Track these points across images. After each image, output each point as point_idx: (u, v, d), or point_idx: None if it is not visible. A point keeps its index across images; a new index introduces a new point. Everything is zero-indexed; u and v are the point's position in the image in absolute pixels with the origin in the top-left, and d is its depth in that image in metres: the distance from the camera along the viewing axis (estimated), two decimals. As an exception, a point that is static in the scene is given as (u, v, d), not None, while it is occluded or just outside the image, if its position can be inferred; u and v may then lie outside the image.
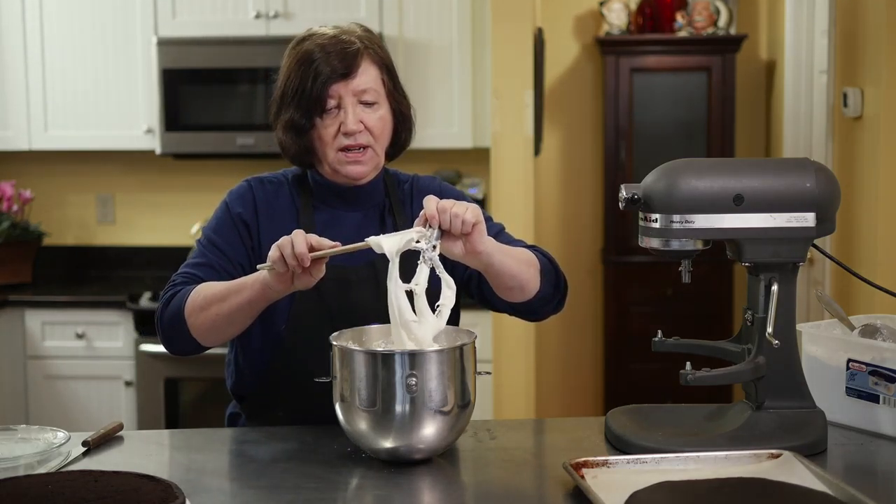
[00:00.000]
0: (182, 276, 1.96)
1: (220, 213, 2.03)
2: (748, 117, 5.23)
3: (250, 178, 2.07)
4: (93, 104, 4.26)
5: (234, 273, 1.96)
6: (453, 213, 1.72)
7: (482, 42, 4.12)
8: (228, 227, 2.00)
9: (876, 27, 3.39)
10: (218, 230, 2.00)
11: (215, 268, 1.96)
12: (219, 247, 1.98)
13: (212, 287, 1.89)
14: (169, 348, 1.97)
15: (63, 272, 4.63)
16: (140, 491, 1.46)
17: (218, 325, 1.87)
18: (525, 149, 4.09)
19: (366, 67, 1.95)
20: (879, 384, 1.87)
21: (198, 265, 1.97)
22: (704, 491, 1.53)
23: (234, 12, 4.17)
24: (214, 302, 1.86)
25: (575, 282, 5.28)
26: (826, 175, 1.78)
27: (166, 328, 1.93)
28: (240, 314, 1.85)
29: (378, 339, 1.82)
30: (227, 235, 1.99)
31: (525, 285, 1.89)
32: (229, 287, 1.86)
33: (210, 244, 1.99)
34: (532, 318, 2.01)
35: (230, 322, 1.87)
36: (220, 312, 1.85)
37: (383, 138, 1.99)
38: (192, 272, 1.96)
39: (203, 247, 2.00)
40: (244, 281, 1.84)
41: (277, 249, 1.73)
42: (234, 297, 1.84)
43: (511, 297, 1.92)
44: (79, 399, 4.07)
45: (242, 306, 1.84)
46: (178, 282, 1.95)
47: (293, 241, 1.72)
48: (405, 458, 1.71)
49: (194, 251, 2.01)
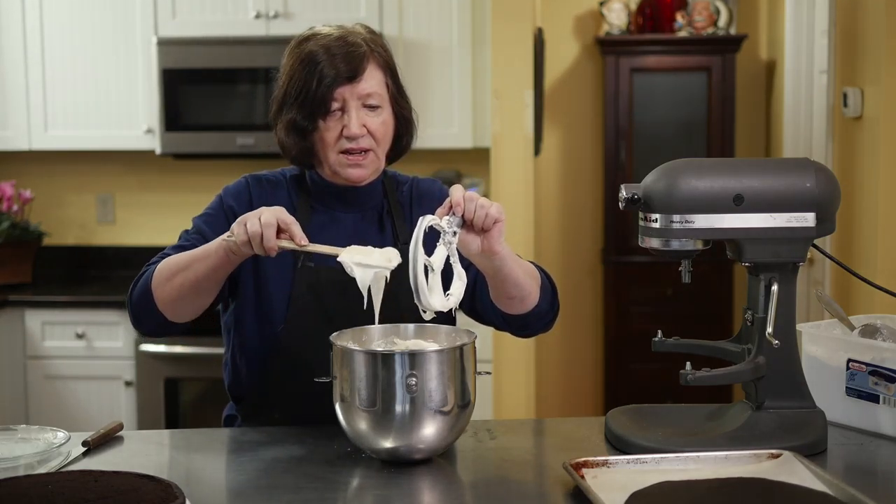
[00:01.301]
0: (159, 257, 1.94)
1: (214, 205, 2.03)
2: (748, 117, 5.23)
3: (248, 175, 2.06)
4: (93, 104, 4.25)
5: None
6: (479, 203, 1.72)
7: (482, 42, 4.12)
8: (219, 220, 1.98)
9: (876, 27, 3.39)
10: (208, 221, 2.00)
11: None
12: (204, 235, 1.96)
13: (176, 258, 1.87)
14: (138, 328, 1.95)
15: (63, 272, 4.63)
16: (140, 491, 1.46)
17: (184, 295, 1.86)
18: (525, 149, 4.09)
19: (371, 71, 1.94)
20: (879, 384, 1.87)
21: (177, 247, 1.95)
22: (704, 491, 1.53)
23: (234, 12, 4.17)
24: (179, 271, 1.84)
25: (575, 282, 5.32)
26: (826, 175, 1.78)
27: (135, 306, 1.91)
28: (206, 282, 1.84)
29: (378, 339, 1.82)
30: (215, 226, 1.97)
31: (526, 297, 1.89)
32: (193, 255, 1.84)
33: (196, 232, 1.98)
34: (522, 332, 2.00)
35: (196, 291, 1.85)
36: (184, 281, 1.84)
37: (385, 142, 1.98)
38: (168, 254, 1.93)
39: (188, 233, 1.99)
40: (207, 248, 1.82)
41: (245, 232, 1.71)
42: (198, 264, 1.82)
43: (510, 308, 1.91)
44: (79, 399, 4.07)
45: (208, 273, 1.82)
46: (153, 261, 1.94)
47: (263, 233, 1.70)
48: (405, 458, 1.71)
49: (179, 237, 2.00)
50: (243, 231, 1.72)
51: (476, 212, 1.71)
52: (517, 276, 1.84)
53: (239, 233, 1.73)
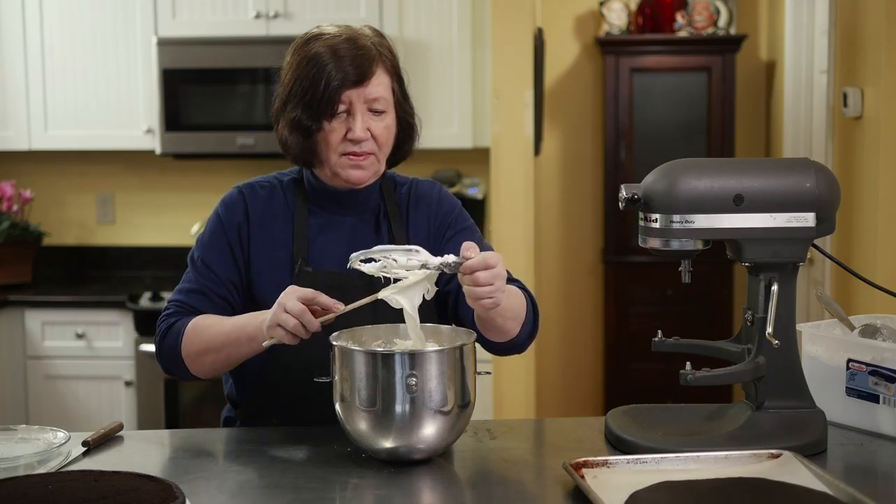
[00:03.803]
0: (175, 304, 1.98)
1: (212, 225, 2.02)
2: (748, 117, 5.23)
3: (241, 184, 2.05)
4: (93, 104, 4.25)
5: (226, 295, 1.98)
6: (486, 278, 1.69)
7: (482, 42, 4.12)
8: (220, 242, 1.99)
9: (876, 27, 3.39)
10: (211, 246, 2.00)
11: (207, 295, 1.97)
12: (211, 268, 1.98)
13: (208, 333, 1.90)
14: (170, 375, 2.03)
15: (63, 272, 4.63)
16: (140, 491, 1.46)
17: (217, 369, 1.95)
18: (525, 149, 4.09)
19: (379, 76, 1.93)
20: (879, 384, 1.87)
21: (190, 292, 1.98)
22: (704, 491, 1.53)
23: (234, 12, 4.17)
24: (210, 351, 1.90)
25: (575, 282, 5.33)
26: (826, 175, 1.78)
27: (165, 362, 1.98)
28: (237, 361, 1.92)
29: (378, 339, 1.82)
30: (218, 252, 1.99)
31: (507, 335, 1.89)
32: (225, 339, 1.87)
33: (203, 266, 1.99)
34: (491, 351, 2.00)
35: (228, 366, 1.94)
36: (217, 360, 1.91)
37: (387, 147, 1.98)
38: (184, 301, 1.98)
39: (196, 270, 2.00)
40: (240, 332, 1.86)
41: (287, 334, 1.74)
42: (230, 348, 1.88)
43: (488, 337, 1.91)
44: (79, 399, 4.07)
45: (240, 358, 1.90)
46: (172, 311, 1.97)
47: (304, 322, 1.73)
48: (405, 458, 1.71)
49: (187, 273, 2.02)
50: (285, 334, 1.75)
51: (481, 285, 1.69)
52: (502, 323, 1.84)
53: (282, 336, 1.75)
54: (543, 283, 5.18)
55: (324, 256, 1.98)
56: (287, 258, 1.97)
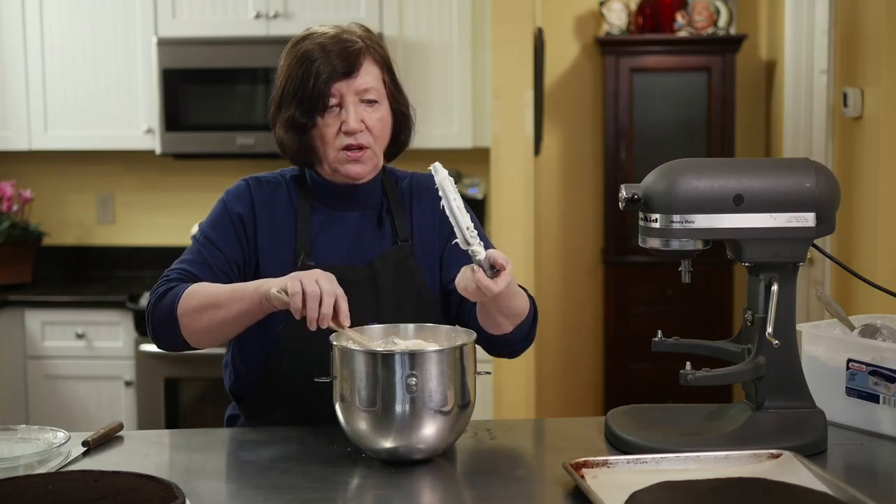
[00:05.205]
0: (176, 271, 1.95)
1: (218, 210, 2.03)
2: (748, 117, 5.23)
3: (248, 177, 2.07)
4: (93, 104, 4.25)
5: (228, 272, 1.96)
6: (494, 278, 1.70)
7: (482, 42, 4.12)
8: (225, 225, 1.99)
9: (876, 27, 3.39)
10: (215, 227, 2.00)
11: (210, 266, 1.95)
12: (215, 244, 1.97)
13: (207, 290, 1.87)
14: (158, 344, 1.96)
15: (63, 272, 4.63)
16: (140, 491, 1.46)
17: (211, 330, 1.87)
18: (525, 149, 4.09)
19: (367, 66, 1.95)
20: (879, 384, 1.87)
21: (193, 262, 1.96)
22: (704, 491, 1.53)
23: (234, 12, 4.17)
24: (210, 307, 1.85)
25: (575, 282, 5.32)
26: (826, 175, 1.78)
27: (156, 325, 1.92)
28: (235, 324, 1.86)
29: (378, 339, 1.82)
30: (223, 233, 1.99)
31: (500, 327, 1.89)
32: (228, 293, 1.84)
33: (206, 241, 1.99)
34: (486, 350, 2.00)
35: (223, 329, 1.87)
36: (214, 318, 1.85)
37: (383, 138, 1.99)
38: (186, 269, 1.95)
39: (199, 244, 1.99)
40: (243, 290, 1.83)
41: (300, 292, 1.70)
42: (232, 305, 1.83)
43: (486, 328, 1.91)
44: (79, 399, 4.07)
45: (239, 316, 1.84)
46: (172, 277, 1.94)
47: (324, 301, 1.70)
48: (405, 458, 1.71)
49: (190, 247, 2.00)
50: (298, 288, 1.71)
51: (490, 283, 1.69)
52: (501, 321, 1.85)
53: (294, 289, 1.71)
54: (543, 283, 5.18)
55: (326, 251, 1.99)
56: (290, 253, 1.98)
